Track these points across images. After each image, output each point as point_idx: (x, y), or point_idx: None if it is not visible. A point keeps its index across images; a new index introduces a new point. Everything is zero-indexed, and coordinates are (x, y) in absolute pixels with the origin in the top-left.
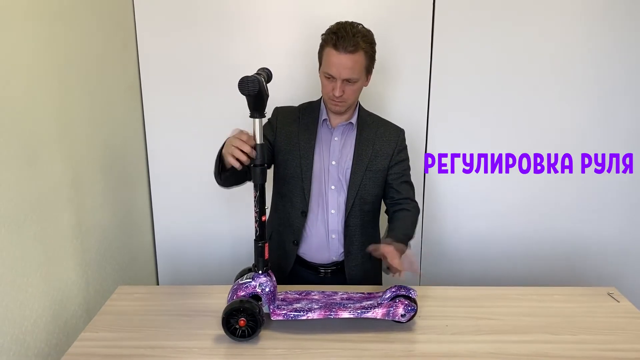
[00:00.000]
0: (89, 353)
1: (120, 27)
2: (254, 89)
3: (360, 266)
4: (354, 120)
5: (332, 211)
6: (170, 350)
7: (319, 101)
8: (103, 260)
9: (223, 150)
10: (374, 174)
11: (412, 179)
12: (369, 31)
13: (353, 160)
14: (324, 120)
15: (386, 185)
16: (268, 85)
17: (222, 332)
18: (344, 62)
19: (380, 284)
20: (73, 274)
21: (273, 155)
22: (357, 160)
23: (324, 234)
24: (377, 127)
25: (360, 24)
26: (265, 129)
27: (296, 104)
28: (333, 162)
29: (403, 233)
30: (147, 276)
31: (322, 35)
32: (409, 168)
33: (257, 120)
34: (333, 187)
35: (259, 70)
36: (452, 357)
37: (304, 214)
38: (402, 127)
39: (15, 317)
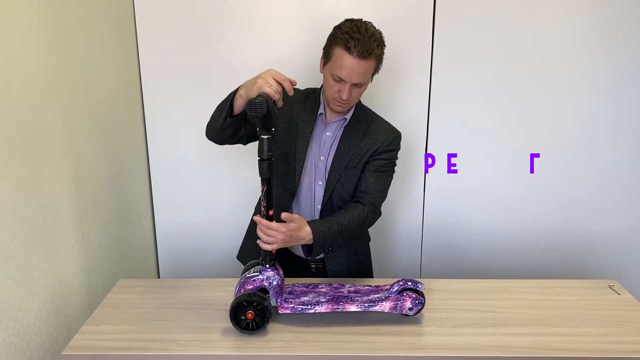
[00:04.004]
0: (90, 346)
1: (120, 22)
2: (262, 110)
3: (344, 264)
4: (348, 116)
5: (319, 207)
6: (171, 343)
7: (318, 92)
8: (104, 254)
9: (258, 81)
10: (352, 172)
11: (412, 179)
12: (380, 33)
13: (334, 156)
14: (319, 114)
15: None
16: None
17: (223, 325)
18: (356, 67)
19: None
20: (74, 267)
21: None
22: (339, 157)
23: None
24: (368, 124)
25: (370, 23)
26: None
27: None
28: (322, 157)
29: (336, 224)
30: (148, 269)
31: (332, 32)
32: (388, 167)
33: (265, 138)
34: (320, 182)
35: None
36: (454, 350)
37: (293, 195)
38: (399, 130)
39: (17, 311)
